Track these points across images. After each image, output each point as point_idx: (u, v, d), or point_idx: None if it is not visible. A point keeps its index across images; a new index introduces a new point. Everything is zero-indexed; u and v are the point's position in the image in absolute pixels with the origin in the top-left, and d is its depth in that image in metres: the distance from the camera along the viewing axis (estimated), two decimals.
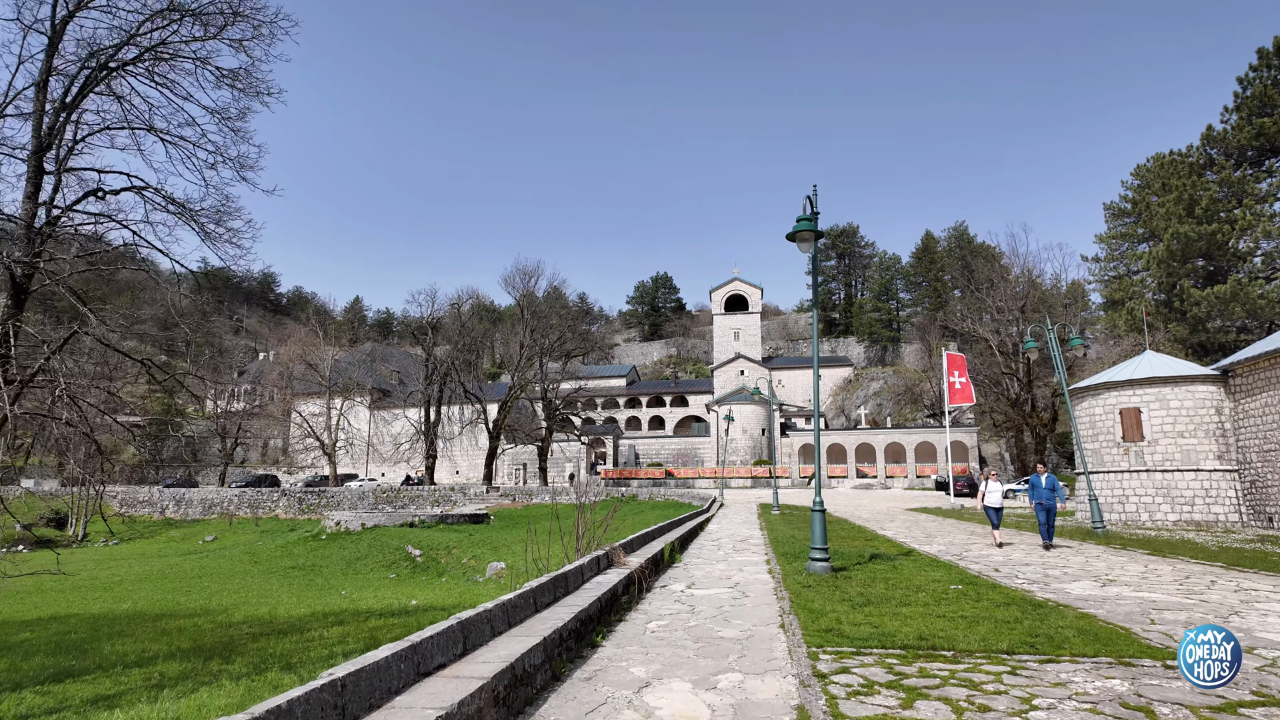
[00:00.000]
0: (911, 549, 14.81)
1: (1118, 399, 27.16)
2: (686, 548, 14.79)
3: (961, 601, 8.21)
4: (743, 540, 16.86)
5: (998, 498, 15.81)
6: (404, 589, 24.48)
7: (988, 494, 15.97)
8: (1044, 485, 15.65)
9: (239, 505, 55.90)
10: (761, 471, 63.49)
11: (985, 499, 15.92)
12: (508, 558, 26.01)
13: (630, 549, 10.06)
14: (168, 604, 21.19)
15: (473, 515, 40.99)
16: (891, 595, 8.57)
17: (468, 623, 4.33)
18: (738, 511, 31.91)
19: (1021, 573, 11.20)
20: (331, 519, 39.38)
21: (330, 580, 28.06)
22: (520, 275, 57.35)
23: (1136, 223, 47.78)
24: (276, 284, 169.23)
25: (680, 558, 12.50)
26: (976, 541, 16.84)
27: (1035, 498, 15.64)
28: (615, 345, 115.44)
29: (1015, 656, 5.57)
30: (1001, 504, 15.67)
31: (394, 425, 71.71)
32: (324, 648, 13.45)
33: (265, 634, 15.50)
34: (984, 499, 15.94)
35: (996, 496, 15.84)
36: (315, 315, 66.19)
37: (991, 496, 15.91)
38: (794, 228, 10.65)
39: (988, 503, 15.86)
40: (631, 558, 9.31)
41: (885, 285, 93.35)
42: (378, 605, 20.14)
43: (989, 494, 15.96)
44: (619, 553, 8.88)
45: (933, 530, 20.98)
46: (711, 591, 8.89)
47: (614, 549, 8.88)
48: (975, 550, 14.76)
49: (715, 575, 10.46)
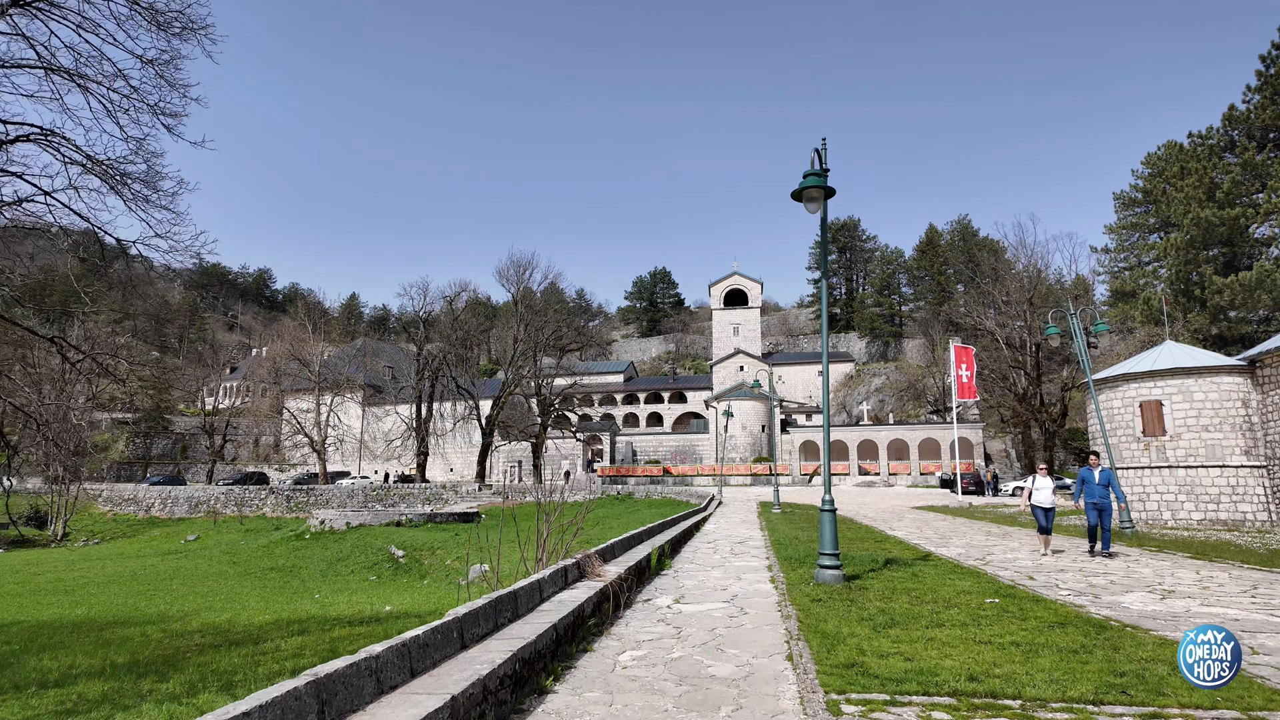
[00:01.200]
0: (928, 552, 13.40)
1: (1138, 391, 25.72)
2: (679, 551, 13.37)
3: (1004, 621, 6.79)
4: (741, 542, 15.45)
5: (1048, 495, 13.31)
6: (382, 592, 23.09)
7: (1036, 491, 13.52)
8: (1097, 480, 13.13)
9: (225, 503, 54.48)
10: (761, 469, 62.09)
11: (1033, 497, 13.52)
12: (493, 559, 24.62)
13: (609, 555, 8.63)
14: (125, 610, 19.80)
15: (462, 514, 39.59)
16: (918, 612, 7.16)
17: (327, 680, 2.90)
18: (737, 510, 30.51)
19: (1061, 581, 9.78)
20: (316, 518, 38.05)
21: (307, 583, 26.67)
22: (514, 267, 55.88)
23: (1148, 212, 46.35)
24: (272, 280, 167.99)
25: (671, 563, 11.08)
26: (997, 543, 15.42)
27: (1088, 496, 13.08)
28: (613, 341, 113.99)
29: (1108, 709, 4.15)
30: (1053, 503, 13.22)
31: (385, 422, 70.30)
32: (276, 662, 12.07)
33: (216, 645, 14.11)
34: (1031, 497, 13.56)
35: (1047, 494, 13.35)
36: (305, 309, 64.55)
37: (1041, 494, 13.46)
38: (801, 184, 9.22)
39: (1036, 501, 13.41)
40: (609, 566, 7.88)
41: (887, 279, 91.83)
42: (349, 611, 18.76)
43: (1038, 491, 13.50)
44: (593, 561, 7.45)
45: (946, 531, 19.57)
46: (704, 607, 7.46)
47: (587, 556, 7.46)
48: (999, 554, 13.35)
49: (709, 585, 9.04)
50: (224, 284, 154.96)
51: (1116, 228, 49.06)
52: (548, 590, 6.03)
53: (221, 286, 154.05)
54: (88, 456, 74.95)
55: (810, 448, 63.31)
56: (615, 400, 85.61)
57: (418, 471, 55.36)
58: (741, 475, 62.37)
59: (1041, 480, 13.53)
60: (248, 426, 76.28)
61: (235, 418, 75.41)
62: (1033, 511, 13.44)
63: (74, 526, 51.53)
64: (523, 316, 55.00)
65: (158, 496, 57.64)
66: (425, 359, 53.75)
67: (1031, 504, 13.45)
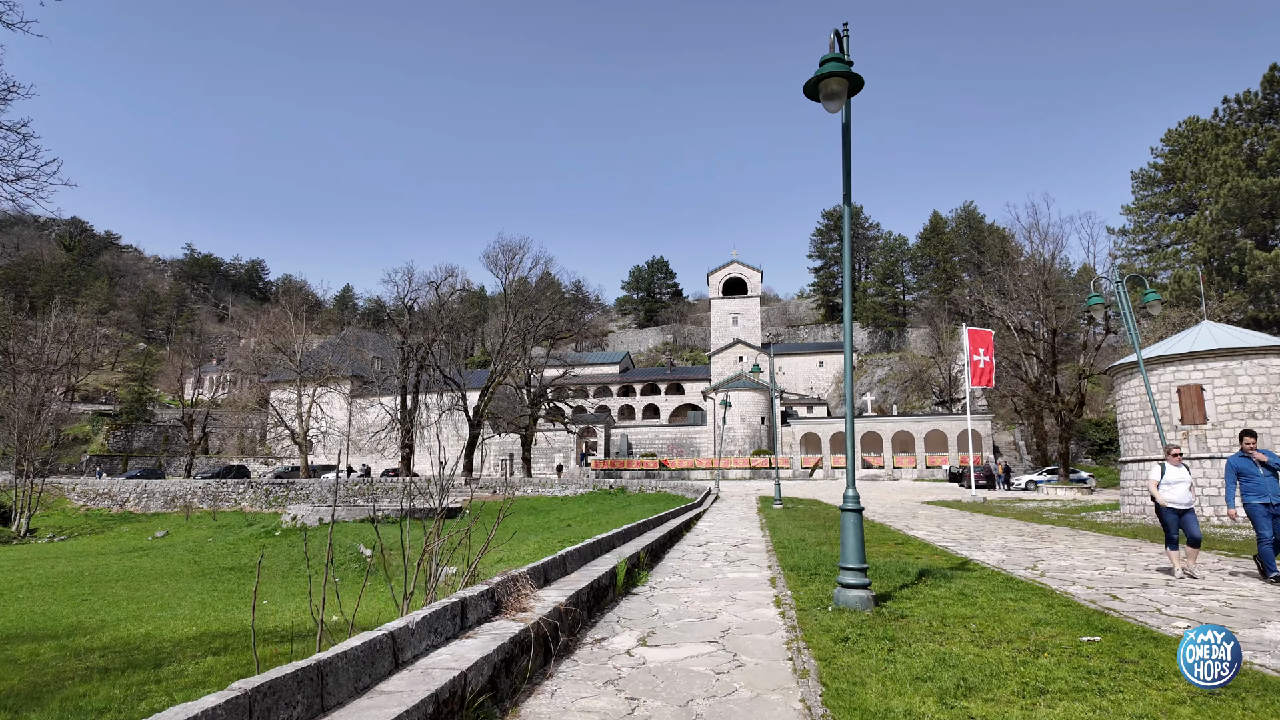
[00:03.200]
0: (964, 558, 11.08)
1: (1175, 375, 23.40)
2: (663, 557, 11.05)
3: (1131, 680, 4.47)
4: (738, 545, 13.13)
5: (1184, 492, 9.46)
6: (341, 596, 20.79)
7: (1166, 486, 9.52)
8: (1262, 474, 9.10)
9: (203, 498, 52.18)
10: (761, 462, 59.82)
11: (1162, 493, 9.53)
12: (467, 560, 22.37)
13: (554, 574, 6.28)
14: (38, 619, 17.48)
15: (445, 510, 37.33)
16: (995, 662, 4.84)
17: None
18: (734, 505, 28.22)
19: (1159, 602, 7.45)
20: (289, 514, 35.84)
21: (264, 585, 24.42)
22: (504, 252, 53.38)
23: (1168, 191, 43.94)
24: (265, 272, 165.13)
25: (647, 577, 8.74)
26: (1038, 545, 13.10)
27: (1258, 494, 9.04)
28: (609, 332, 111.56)
29: None
30: (1192, 501, 9.46)
31: (371, 414, 68.04)
32: (167, 694, 9.72)
33: (110, 669, 11.74)
34: (1159, 492, 9.56)
35: (1182, 490, 9.47)
36: (286, 295, 62.06)
37: (1174, 490, 9.48)
38: (818, 71, 6.85)
39: (1169, 499, 9.44)
40: (547, 591, 5.54)
41: (890, 268, 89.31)
42: (289, 622, 16.51)
43: (1169, 486, 9.51)
44: (519, 588, 5.11)
45: (970, 529, 17.27)
46: (679, 654, 5.13)
47: (511, 580, 5.12)
48: (1049, 560, 11.03)
49: (693, 611, 6.71)
50: (215, 275, 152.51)
51: (1135, 208, 46.61)
52: (421, 644, 3.69)
53: (213, 278, 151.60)
54: (62, 449, 72.87)
55: (812, 440, 61.02)
56: (611, 392, 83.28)
57: (402, 465, 53.06)
58: (740, 469, 60.11)
59: (1174, 471, 9.59)
60: (233, 419, 73.91)
61: (215, 410, 73.08)
62: (1160, 515, 9.61)
63: (43, 522, 49.27)
64: (512, 303, 52.58)
65: (133, 491, 55.32)
66: (410, 347, 51.34)
67: (1160, 503, 9.58)
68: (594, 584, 6.25)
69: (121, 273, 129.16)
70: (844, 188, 7.30)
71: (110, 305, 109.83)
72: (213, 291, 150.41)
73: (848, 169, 7.29)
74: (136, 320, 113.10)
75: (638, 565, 8.56)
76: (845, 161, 7.32)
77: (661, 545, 11.56)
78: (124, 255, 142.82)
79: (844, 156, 7.33)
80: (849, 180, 7.28)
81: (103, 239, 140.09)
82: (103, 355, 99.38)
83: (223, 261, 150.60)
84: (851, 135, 7.35)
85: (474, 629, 4.30)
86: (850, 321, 7.52)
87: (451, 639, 4.04)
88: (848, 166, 7.30)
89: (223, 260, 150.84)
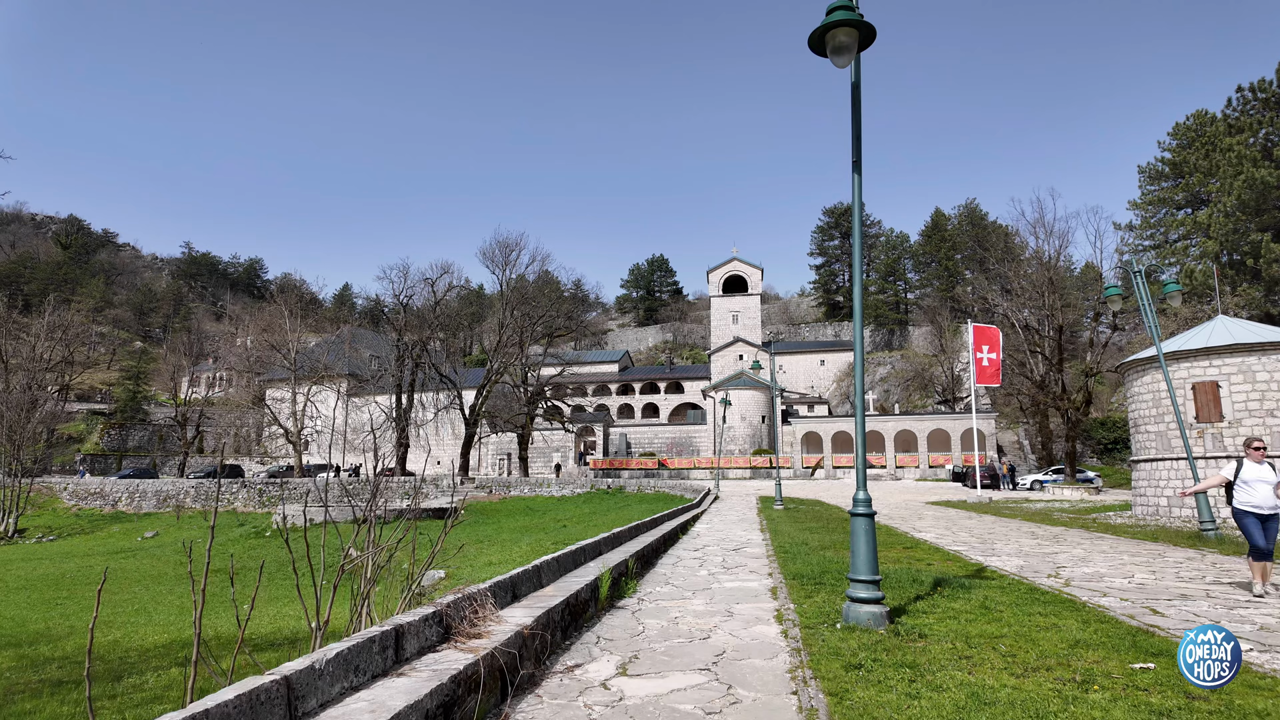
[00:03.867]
0: (979, 564, 10.31)
1: (1189, 371, 22.61)
2: (655, 563, 10.28)
3: None
4: (737, 549, 12.37)
5: (1269, 494, 8.02)
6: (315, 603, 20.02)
7: (1243, 486, 8.16)
8: None
9: (195, 497, 51.46)
10: (761, 461, 59.03)
11: (1239, 495, 8.20)
12: (454, 562, 21.58)
13: (521, 590, 5.51)
14: (7, 625, 16.76)
15: (437, 510, 36.52)
16: (1039, 700, 4.06)
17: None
18: (734, 506, 27.46)
19: (1214, 621, 6.68)
20: (279, 514, 35.08)
21: (247, 588, 23.68)
22: (500, 248, 52.55)
23: (1176, 186, 43.13)
24: (263, 270, 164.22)
25: (635, 587, 7.97)
26: (1055, 550, 12.32)
27: None
28: (609, 330, 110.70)
29: None
30: (1277, 505, 8.00)
31: (367, 413, 67.33)
32: (119, 712, 8.96)
33: (65, 681, 11.00)
34: (1236, 493, 8.23)
35: (1267, 491, 8.02)
36: (282, 293, 61.25)
37: (1256, 491, 8.06)
38: (824, 20, 6.07)
39: (1247, 502, 8.12)
40: (510, 611, 4.77)
41: (892, 265, 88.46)
42: (267, 629, 15.76)
43: (1247, 486, 8.13)
44: (476, 608, 4.34)
45: (980, 531, 16.51)
46: (665, 687, 4.36)
47: (467, 598, 4.35)
48: (1070, 566, 10.26)
49: (684, 630, 5.94)
50: (214, 274, 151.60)
51: (1142, 203, 45.79)
52: (320, 693, 2.91)
53: (211, 276, 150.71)
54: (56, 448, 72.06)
55: (813, 439, 60.25)
56: (610, 391, 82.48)
57: (397, 464, 52.25)
58: (740, 468, 59.33)
59: (1254, 468, 8.13)
60: (228, 418, 73.12)
61: (210, 408, 72.31)
62: (1239, 521, 8.16)
63: (32, 522, 48.54)
64: (509, 300, 51.78)
65: (125, 490, 54.54)
66: (405, 345, 50.54)
67: (1237, 507, 8.17)
68: (570, 600, 5.47)
69: (118, 271, 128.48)
70: (853, 153, 6.53)
71: (106, 303, 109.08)
72: (210, 290, 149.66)
73: (858, 133, 6.52)
74: (133, 319, 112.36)
75: (625, 575, 7.78)
76: (855, 125, 6.54)
77: (655, 550, 10.80)
78: (121, 253, 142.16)
79: (854, 119, 6.55)
80: (859, 145, 6.50)
81: (100, 237, 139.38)
82: (99, 354, 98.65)
83: (221, 260, 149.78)
84: (862, 96, 6.58)
85: (411, 663, 3.54)
86: (861, 304, 6.75)
87: (378, 678, 3.27)
88: (858, 130, 6.52)
89: (221, 259, 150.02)
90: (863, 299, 6.54)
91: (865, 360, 73.16)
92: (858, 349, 6.57)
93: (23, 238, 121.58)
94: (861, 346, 6.55)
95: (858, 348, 6.58)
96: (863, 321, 7.15)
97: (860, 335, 6.60)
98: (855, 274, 6.82)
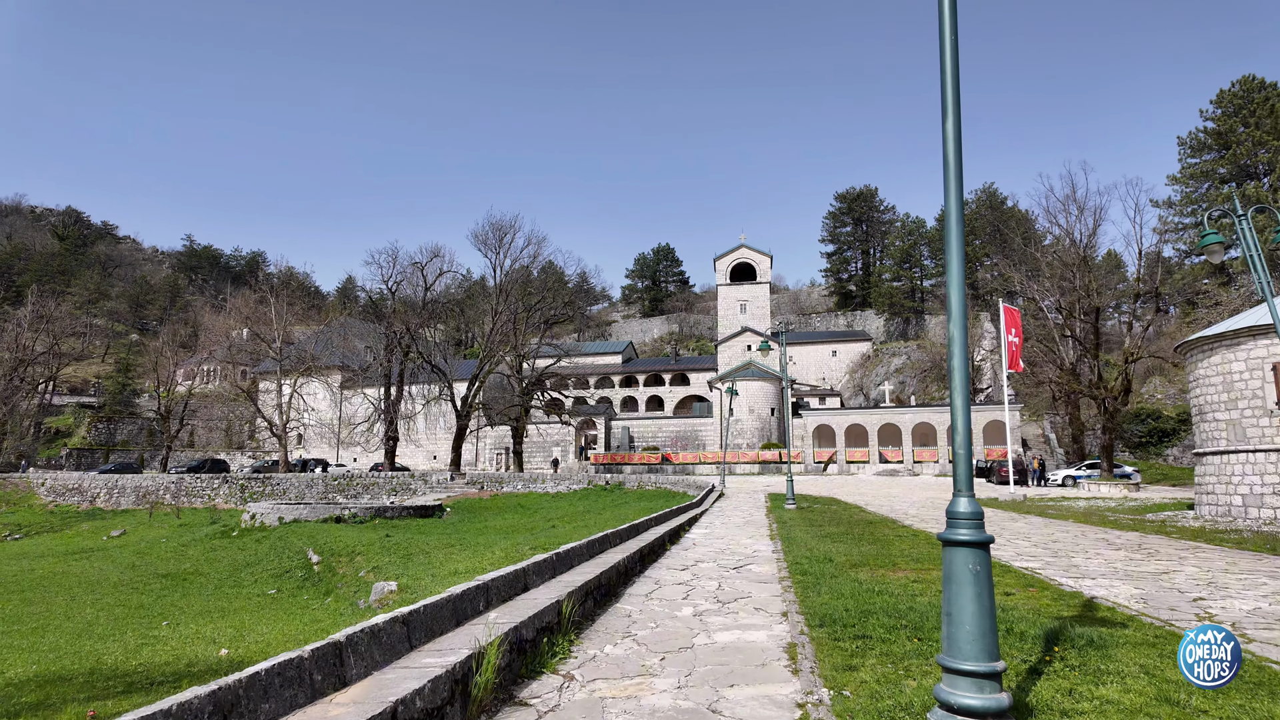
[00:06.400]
0: (1079, 594, 7.31)
1: (1269, 350, 19.50)
2: (621, 594, 7.35)
3: None
4: (739, 566, 9.42)
5: None
6: (261, 615, 17.21)
7: None
8: None
9: (176, 493, 49.01)
10: (770, 455, 56.01)
11: None
12: (418, 569, 18.70)
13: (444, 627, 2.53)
14: None
15: (421, 508, 33.77)
16: None
17: None
18: (740, 504, 24.53)
19: None
20: (249, 512, 32.55)
21: (189, 596, 20.98)
22: (493, 231, 49.60)
23: (1220, 158, 39.72)
24: (265, 263, 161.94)
25: (566, 648, 5.03)
26: (1155, 566, 9.31)
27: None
28: (613, 321, 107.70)
29: None
30: None
31: (353, 404, 64.76)
32: None
33: None
34: None
35: None
36: (265, 280, 58.63)
37: None
38: None
39: None
40: None
41: (907, 251, 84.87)
42: (165, 656, 13.00)
43: None
44: None
45: (1039, 539, 13.52)
46: None
47: None
48: (1208, 595, 7.26)
49: None
50: (215, 266, 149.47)
51: (1182, 177, 42.35)
52: None
53: (212, 269, 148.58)
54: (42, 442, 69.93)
55: (825, 433, 57.14)
56: (612, 382, 79.55)
57: (386, 459, 49.61)
58: (748, 463, 56.32)
59: None
60: (215, 411, 70.78)
61: (203, 401, 69.95)
62: None
63: (4, 519, 46.25)
64: (502, 285, 48.93)
65: (104, 486, 52.19)
66: (394, 334, 47.81)
67: None
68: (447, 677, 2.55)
69: (117, 263, 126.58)
70: None
71: (101, 295, 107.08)
72: (212, 283, 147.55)
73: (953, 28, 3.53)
74: (129, 311, 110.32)
75: (555, 629, 4.84)
76: None
77: (626, 571, 7.89)
78: (120, 246, 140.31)
79: None
80: None
81: (99, 229, 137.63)
82: (92, 346, 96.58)
83: (223, 253, 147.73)
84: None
85: None
86: (963, 299, 3.79)
87: None
88: None
89: (223, 251, 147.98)
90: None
91: (880, 350, 69.06)
92: (954, 297, 3.64)
93: (20, 230, 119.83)
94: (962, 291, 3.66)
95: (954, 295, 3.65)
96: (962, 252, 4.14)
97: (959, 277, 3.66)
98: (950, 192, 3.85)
